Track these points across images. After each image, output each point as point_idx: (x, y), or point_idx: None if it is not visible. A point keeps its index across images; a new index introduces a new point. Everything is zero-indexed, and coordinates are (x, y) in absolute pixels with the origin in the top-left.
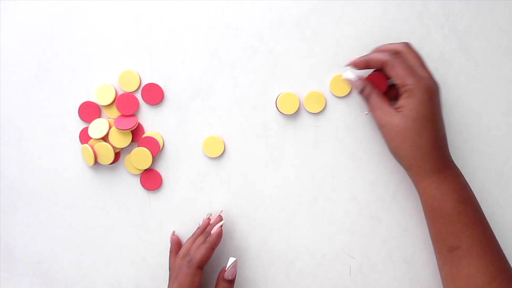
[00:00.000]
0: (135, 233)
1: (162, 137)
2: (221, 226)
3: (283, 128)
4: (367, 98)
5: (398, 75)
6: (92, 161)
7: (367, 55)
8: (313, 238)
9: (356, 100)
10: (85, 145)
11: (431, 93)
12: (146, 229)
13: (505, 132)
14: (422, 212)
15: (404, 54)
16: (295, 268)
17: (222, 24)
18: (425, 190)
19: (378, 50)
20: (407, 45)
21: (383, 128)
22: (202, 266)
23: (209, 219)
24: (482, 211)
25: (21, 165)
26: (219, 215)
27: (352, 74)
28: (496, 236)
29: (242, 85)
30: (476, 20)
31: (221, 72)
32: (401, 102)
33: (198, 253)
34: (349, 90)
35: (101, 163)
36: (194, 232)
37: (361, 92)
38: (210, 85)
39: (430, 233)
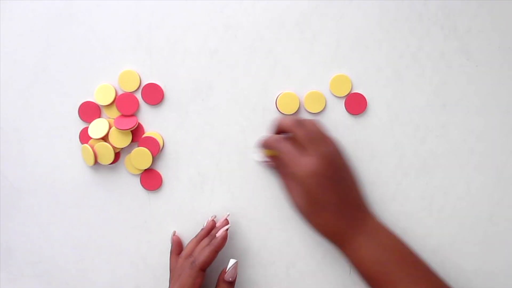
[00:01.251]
0: (135, 233)
1: (162, 137)
2: (227, 229)
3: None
4: (281, 175)
5: (286, 163)
6: (92, 161)
7: (265, 137)
8: (313, 238)
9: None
10: (85, 145)
11: (318, 178)
12: (146, 229)
13: (505, 132)
14: (421, 212)
15: (294, 134)
16: (295, 268)
17: (222, 24)
18: (347, 257)
19: (276, 125)
20: (295, 123)
21: (296, 208)
22: (204, 268)
23: (213, 221)
24: (412, 259)
25: (21, 165)
26: (226, 219)
27: (260, 156)
28: (496, 236)
29: (242, 85)
30: (476, 20)
31: (221, 72)
32: (297, 187)
33: (201, 255)
34: (349, 90)
35: (101, 163)
36: (198, 234)
37: (276, 169)
38: (210, 85)
39: None
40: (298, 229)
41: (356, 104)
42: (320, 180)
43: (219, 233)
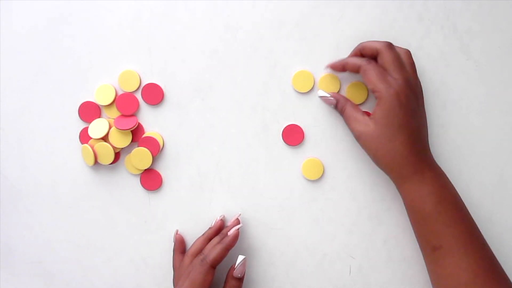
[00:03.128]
0: (135, 233)
1: (162, 137)
2: (238, 229)
3: (283, 128)
4: (341, 112)
5: (370, 81)
6: (92, 161)
7: (344, 58)
8: (313, 238)
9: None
10: (85, 145)
11: (401, 98)
12: (146, 229)
13: (505, 132)
14: None
15: (381, 55)
16: (295, 268)
17: (222, 24)
18: (405, 193)
19: (359, 48)
20: (386, 45)
21: (359, 139)
22: (215, 265)
23: (221, 220)
24: (466, 209)
25: (21, 165)
26: (237, 218)
27: (324, 92)
28: (496, 237)
29: (242, 85)
30: (476, 20)
31: (221, 72)
32: (375, 109)
33: (212, 252)
34: (338, 89)
35: (101, 163)
36: (206, 232)
37: (336, 107)
38: (210, 85)
39: (414, 234)
40: (298, 229)
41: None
42: (402, 102)
43: (231, 232)
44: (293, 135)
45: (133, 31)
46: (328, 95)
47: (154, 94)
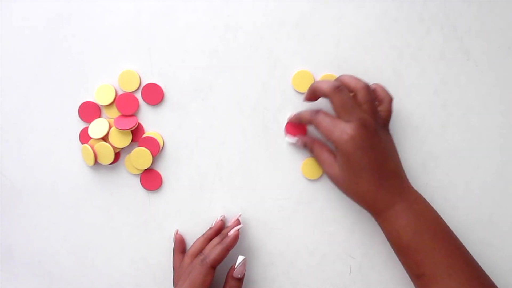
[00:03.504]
0: (135, 233)
1: (162, 137)
2: (239, 229)
3: (283, 128)
4: (311, 151)
5: (324, 133)
6: (92, 161)
7: (297, 113)
8: (313, 238)
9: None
10: (85, 145)
11: (357, 141)
12: (146, 229)
13: (505, 132)
14: None
15: (330, 100)
16: (295, 268)
17: (222, 24)
18: (382, 226)
19: (311, 90)
20: (334, 89)
21: (330, 178)
22: (215, 266)
23: (222, 221)
24: (446, 231)
25: (21, 165)
26: (237, 219)
27: (290, 138)
28: (496, 237)
29: (242, 85)
30: (476, 20)
31: (221, 72)
32: (336, 152)
33: (213, 253)
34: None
35: (101, 163)
36: (206, 232)
37: (305, 147)
38: (210, 85)
39: (400, 262)
40: (298, 229)
41: None
42: (357, 144)
43: (231, 232)
44: (296, 128)
45: (133, 31)
46: (294, 140)
47: (154, 94)
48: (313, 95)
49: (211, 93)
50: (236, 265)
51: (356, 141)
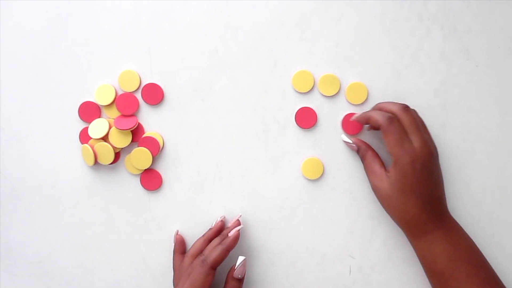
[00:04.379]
0: (135, 233)
1: (162, 137)
2: (239, 230)
3: (283, 128)
4: (362, 159)
5: (389, 143)
6: (92, 161)
7: (368, 112)
8: (313, 238)
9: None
10: (85, 145)
11: (416, 166)
12: (146, 229)
13: (505, 132)
14: None
15: (400, 118)
16: (295, 268)
17: (222, 24)
18: (417, 249)
19: (378, 107)
20: (402, 108)
21: (374, 190)
22: (215, 266)
23: (222, 221)
24: (481, 260)
25: (21, 165)
26: (238, 220)
27: (346, 137)
28: (496, 237)
29: (242, 85)
30: (476, 20)
31: (221, 72)
32: (390, 168)
33: (213, 253)
34: (337, 89)
35: (101, 163)
36: (206, 233)
37: (357, 152)
38: (210, 85)
39: (431, 285)
40: (298, 229)
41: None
42: (417, 168)
43: (232, 233)
44: (306, 118)
45: (133, 31)
46: (351, 141)
47: (154, 94)
48: (364, 122)
49: (211, 93)
50: (236, 266)
51: (416, 166)
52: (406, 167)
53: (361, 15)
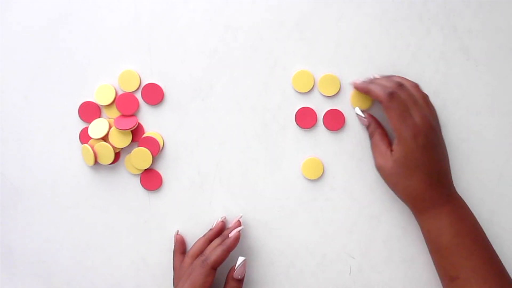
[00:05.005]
0: (135, 233)
1: (162, 137)
2: (239, 231)
3: (283, 128)
4: (370, 136)
5: (391, 120)
6: (92, 161)
7: (369, 83)
8: (313, 238)
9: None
10: (85, 145)
11: (419, 140)
12: (146, 229)
13: (505, 132)
14: None
15: (401, 93)
16: (295, 268)
17: (222, 24)
18: (422, 224)
19: (377, 81)
20: (399, 85)
21: (378, 170)
22: (216, 267)
23: (222, 222)
24: (484, 239)
25: (21, 165)
26: (238, 220)
27: (360, 110)
28: (496, 237)
29: (242, 85)
30: (476, 20)
31: (221, 72)
32: (394, 146)
33: (213, 254)
34: (337, 89)
35: (101, 163)
36: (206, 233)
37: (367, 128)
38: (210, 85)
39: (433, 262)
40: (298, 229)
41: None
42: (421, 143)
43: (232, 234)
44: (306, 118)
45: (133, 31)
46: (363, 116)
47: (154, 94)
48: (364, 92)
49: (211, 93)
50: (236, 266)
51: (419, 140)
52: (409, 142)
53: (361, 15)
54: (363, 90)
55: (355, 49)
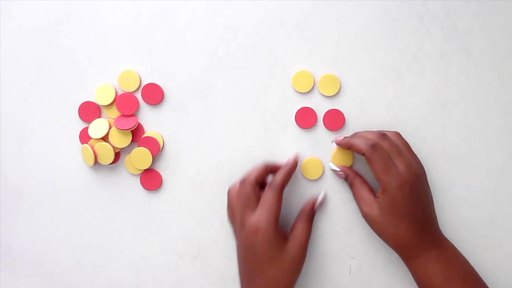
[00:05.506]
0: (135, 233)
1: (162, 137)
2: (297, 156)
3: (283, 128)
4: (350, 186)
5: (375, 171)
6: (92, 161)
7: (350, 138)
8: (313, 238)
9: (353, 100)
10: (85, 145)
11: (405, 190)
12: (146, 229)
13: (505, 132)
14: None
15: (384, 143)
16: None
17: (222, 24)
18: (413, 271)
19: (359, 135)
20: (380, 136)
21: (365, 217)
22: (283, 188)
23: (294, 160)
24: (475, 279)
25: (21, 165)
26: (295, 155)
27: (334, 165)
28: (496, 237)
29: (242, 85)
30: (476, 20)
31: (221, 72)
32: (379, 194)
33: (279, 176)
34: (337, 89)
35: (101, 163)
36: (264, 163)
37: (346, 179)
38: (210, 85)
39: None
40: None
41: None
42: (406, 192)
43: (292, 157)
44: (306, 118)
45: (133, 31)
46: (338, 169)
47: (154, 94)
48: (346, 148)
49: (211, 93)
50: (319, 199)
51: (405, 189)
52: (395, 191)
53: (361, 15)
54: (346, 146)
55: (355, 49)
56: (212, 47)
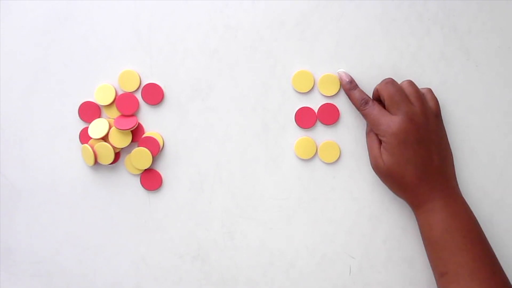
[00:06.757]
0: (135, 233)
1: (162, 137)
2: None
3: (283, 128)
4: (366, 135)
5: (370, 123)
6: (92, 161)
7: (352, 89)
8: (313, 238)
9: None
10: (85, 145)
11: (400, 136)
12: (146, 229)
13: (505, 132)
14: None
15: (380, 93)
16: (295, 268)
17: (222, 24)
18: (417, 218)
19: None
20: (385, 81)
21: (374, 169)
22: None
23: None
24: (477, 236)
25: (21, 165)
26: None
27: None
28: (496, 237)
29: (242, 85)
30: (476, 20)
31: (221, 72)
32: (381, 149)
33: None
34: (337, 89)
35: (101, 163)
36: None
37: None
38: (210, 85)
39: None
40: (298, 229)
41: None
42: (401, 138)
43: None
44: (306, 118)
45: (133, 31)
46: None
47: (154, 94)
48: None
49: (211, 93)
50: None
51: (400, 135)
52: (390, 140)
53: (361, 15)
54: (346, 88)
55: (355, 49)
56: (212, 47)
